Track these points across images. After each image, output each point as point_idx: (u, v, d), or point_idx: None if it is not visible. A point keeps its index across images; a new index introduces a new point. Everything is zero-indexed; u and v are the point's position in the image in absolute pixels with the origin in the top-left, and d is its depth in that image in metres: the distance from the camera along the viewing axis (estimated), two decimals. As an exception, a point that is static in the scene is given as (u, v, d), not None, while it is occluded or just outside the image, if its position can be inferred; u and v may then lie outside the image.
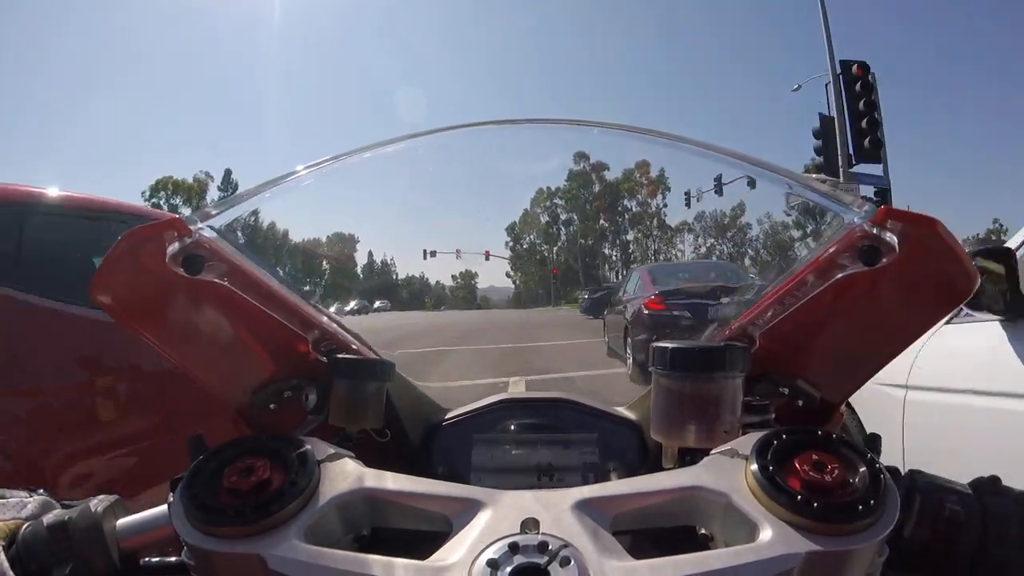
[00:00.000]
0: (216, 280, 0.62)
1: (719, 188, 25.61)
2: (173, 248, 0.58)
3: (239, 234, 0.69)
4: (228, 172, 65.04)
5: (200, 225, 0.60)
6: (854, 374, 0.71)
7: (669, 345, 0.65)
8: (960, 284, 0.56)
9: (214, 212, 0.62)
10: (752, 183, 0.68)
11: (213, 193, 63.45)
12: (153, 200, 61.88)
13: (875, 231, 0.55)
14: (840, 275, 0.60)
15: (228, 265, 0.63)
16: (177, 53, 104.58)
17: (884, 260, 0.56)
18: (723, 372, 0.64)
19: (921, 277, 0.57)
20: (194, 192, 62.51)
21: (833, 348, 0.71)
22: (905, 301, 0.62)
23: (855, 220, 0.57)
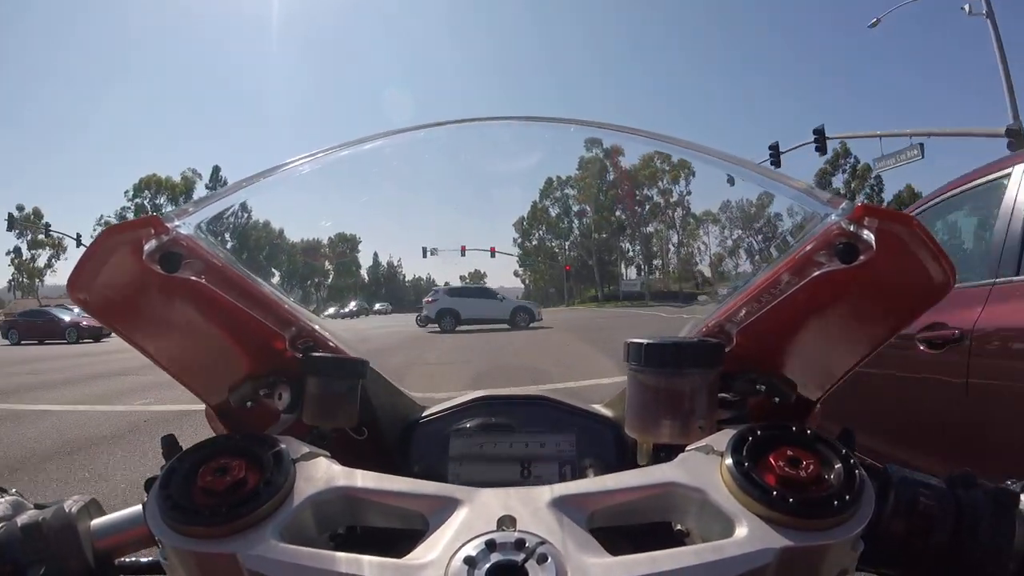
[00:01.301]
0: (193, 278, 0.65)
1: (776, 158, 24.86)
2: (150, 246, 0.60)
3: (227, 236, 0.72)
4: (216, 169, 65.63)
5: (178, 223, 0.62)
6: (831, 372, 0.73)
7: (643, 341, 0.67)
8: (938, 281, 0.58)
9: (192, 210, 0.64)
10: (731, 181, 0.72)
11: (200, 191, 64.07)
12: (137, 200, 62.67)
13: (852, 228, 0.57)
14: (817, 272, 0.62)
15: (206, 263, 0.65)
16: (167, 52, 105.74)
17: (861, 258, 0.58)
18: (696, 368, 0.66)
19: (898, 275, 0.59)
20: (179, 191, 63.09)
21: (810, 346, 0.73)
22: (883, 298, 0.64)
23: (832, 217, 0.59)
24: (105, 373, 11.56)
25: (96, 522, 0.65)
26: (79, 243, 46.89)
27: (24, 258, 61.57)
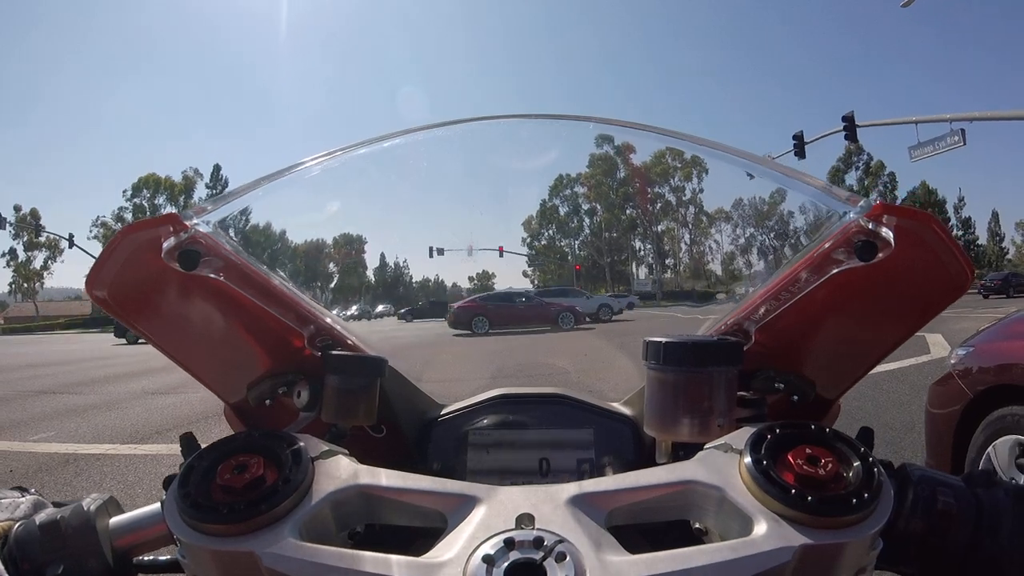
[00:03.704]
0: (212, 275, 0.66)
1: (800, 148, 24.02)
2: (169, 243, 0.61)
3: (245, 233, 0.73)
4: (217, 168, 66.01)
5: (196, 220, 0.63)
6: (850, 370, 0.75)
7: (662, 340, 0.69)
8: (956, 279, 0.60)
9: (210, 207, 0.65)
10: (751, 177, 0.72)
11: (201, 191, 64.40)
12: (135, 200, 63.08)
13: (871, 226, 0.59)
14: (835, 270, 0.64)
15: (224, 260, 0.66)
16: (171, 52, 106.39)
17: (880, 255, 0.59)
18: (716, 366, 0.68)
19: (917, 272, 0.61)
20: (179, 191, 63.48)
21: (829, 343, 0.75)
22: (901, 296, 0.66)
23: (850, 215, 0.60)
24: (14, 395, 10.14)
25: (115, 520, 0.66)
26: (71, 244, 47.38)
27: (20, 260, 62.02)
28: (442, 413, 0.96)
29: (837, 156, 62.05)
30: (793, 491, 0.53)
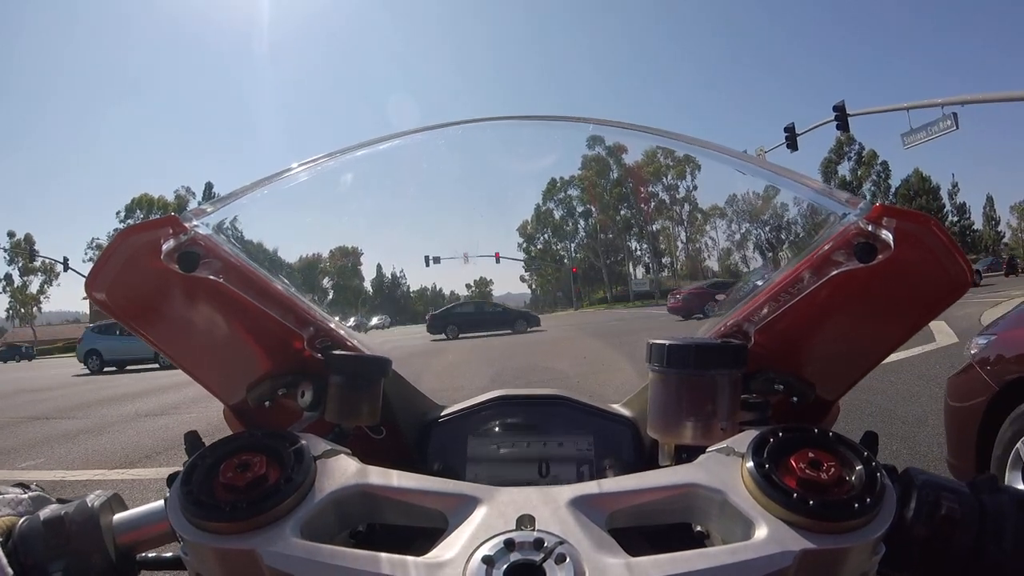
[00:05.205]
0: (211, 277, 0.66)
1: (792, 140, 23.92)
2: (168, 245, 0.61)
3: (244, 235, 0.72)
4: (209, 185, 66.24)
5: (196, 222, 0.63)
6: (850, 371, 0.74)
7: (666, 342, 0.67)
8: (956, 280, 0.60)
9: (210, 209, 0.65)
10: (750, 181, 0.71)
11: (193, 209, 64.78)
12: (129, 220, 63.18)
13: (870, 228, 0.59)
14: (835, 272, 0.64)
15: (224, 262, 0.66)
16: (158, 71, 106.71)
17: (879, 257, 0.59)
18: (720, 369, 0.66)
19: (917, 274, 0.61)
20: (172, 210, 63.61)
21: (829, 345, 0.74)
22: (901, 298, 0.65)
23: (850, 217, 0.60)
24: (8, 421, 9.95)
25: (118, 517, 0.66)
26: (66, 267, 47.24)
27: (16, 285, 61.98)
28: (442, 414, 0.96)
29: (829, 147, 62.39)
30: (795, 495, 0.52)
